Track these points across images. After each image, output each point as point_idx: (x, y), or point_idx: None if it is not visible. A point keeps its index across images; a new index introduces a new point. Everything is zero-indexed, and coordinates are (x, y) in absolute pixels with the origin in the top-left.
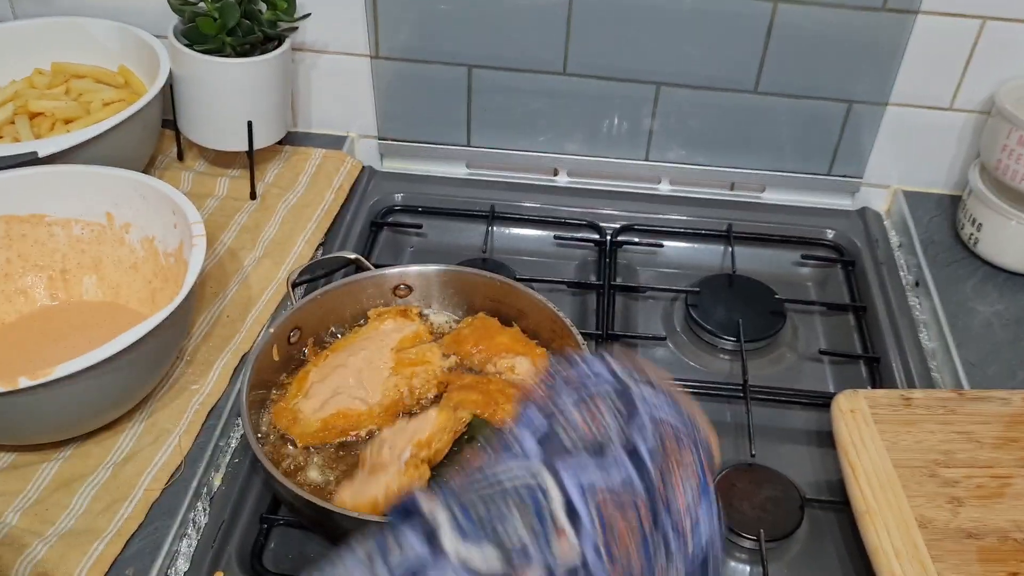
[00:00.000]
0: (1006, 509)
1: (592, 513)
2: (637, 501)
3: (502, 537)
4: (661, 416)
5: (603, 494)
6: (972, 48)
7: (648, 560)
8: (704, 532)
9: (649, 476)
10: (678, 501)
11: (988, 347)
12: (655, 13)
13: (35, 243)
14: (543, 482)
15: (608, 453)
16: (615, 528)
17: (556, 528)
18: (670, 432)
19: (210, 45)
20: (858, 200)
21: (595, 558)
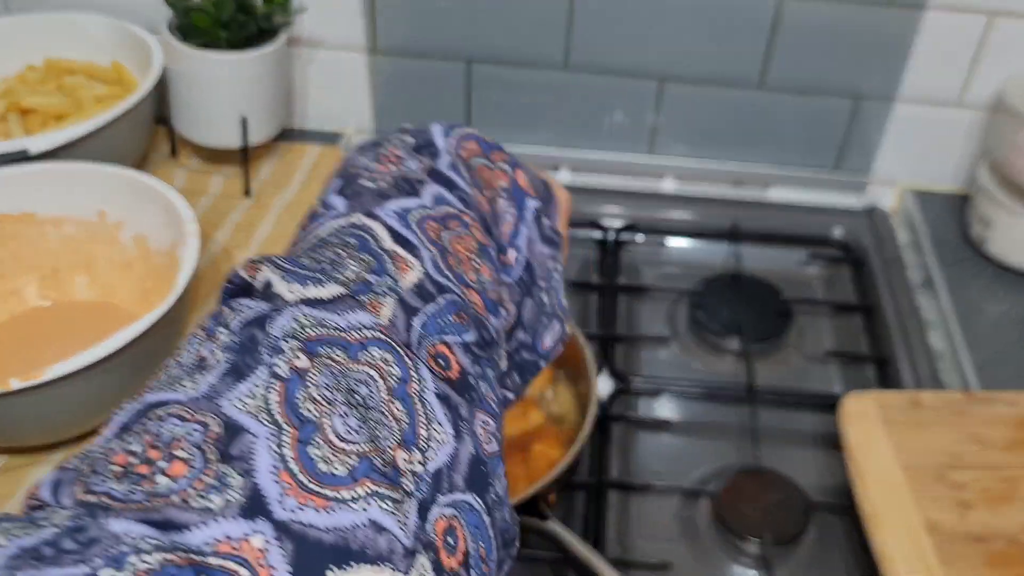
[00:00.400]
0: (1015, 512)
1: (420, 236)
2: (462, 216)
3: (339, 276)
4: (460, 137)
5: (424, 218)
6: (980, 43)
7: (491, 264)
8: (523, 235)
9: (464, 191)
10: (497, 208)
11: (998, 348)
12: (658, 6)
13: (26, 242)
14: (362, 223)
15: (417, 186)
16: (446, 244)
17: (390, 255)
18: (474, 149)
19: (204, 39)
20: (865, 198)
21: (437, 271)
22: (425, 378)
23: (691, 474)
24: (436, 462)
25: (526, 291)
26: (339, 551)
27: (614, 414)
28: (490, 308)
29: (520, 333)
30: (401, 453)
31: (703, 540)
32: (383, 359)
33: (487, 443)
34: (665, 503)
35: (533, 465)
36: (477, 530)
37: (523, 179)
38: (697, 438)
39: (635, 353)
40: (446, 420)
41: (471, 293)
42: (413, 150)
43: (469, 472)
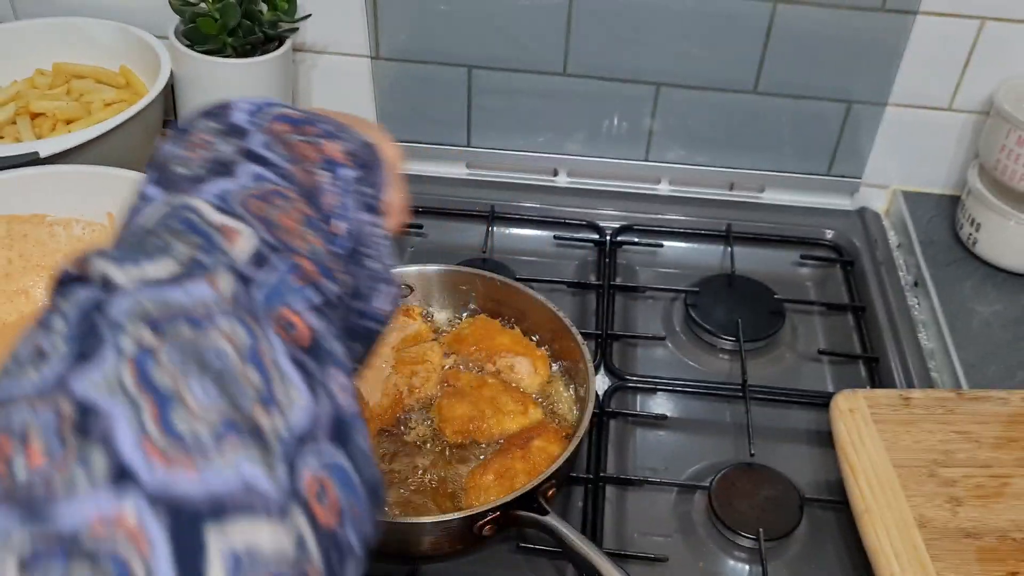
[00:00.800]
0: (1005, 509)
1: (245, 213)
2: (284, 192)
3: (173, 255)
4: (272, 116)
5: (247, 197)
6: (971, 48)
7: (321, 235)
8: (346, 205)
9: (281, 167)
10: (319, 180)
11: (987, 347)
12: (655, 13)
13: (36, 243)
14: (184, 203)
15: (232, 167)
16: (272, 218)
17: (218, 229)
18: (284, 127)
19: (211, 45)
20: (857, 200)
21: (267, 247)
22: (275, 344)
23: (686, 470)
24: (298, 422)
25: (355, 260)
26: (214, 509)
27: (611, 411)
28: (325, 274)
29: (356, 302)
30: (261, 414)
31: (698, 534)
32: (231, 329)
33: (346, 402)
34: (661, 498)
35: (533, 460)
36: (347, 487)
37: (336, 150)
38: (692, 435)
39: (632, 352)
40: (301, 383)
41: (303, 261)
42: (221, 133)
43: (332, 431)
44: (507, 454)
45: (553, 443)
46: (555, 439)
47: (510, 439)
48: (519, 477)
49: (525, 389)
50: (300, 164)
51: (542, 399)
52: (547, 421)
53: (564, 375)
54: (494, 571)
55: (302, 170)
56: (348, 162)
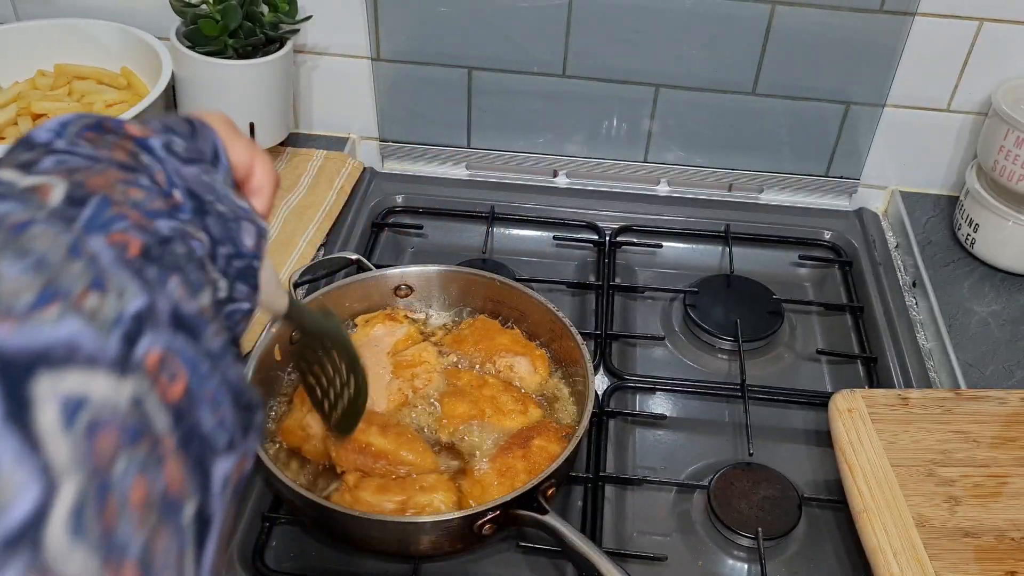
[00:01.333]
0: (1003, 508)
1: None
2: (92, 165)
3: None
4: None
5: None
6: (969, 49)
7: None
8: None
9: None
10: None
11: (985, 347)
12: (654, 15)
13: None
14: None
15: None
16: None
17: (27, 188)
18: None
19: (212, 47)
20: (855, 201)
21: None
22: (98, 247)
23: (685, 469)
24: (132, 306)
25: (203, 213)
26: (43, 360)
27: (611, 410)
28: (151, 215)
29: (222, 249)
30: (90, 295)
31: (697, 534)
32: (48, 231)
33: (186, 301)
34: (660, 497)
35: (533, 459)
36: (196, 369)
37: (137, 129)
38: (691, 434)
39: (631, 352)
40: (131, 278)
41: (126, 208)
42: (18, 151)
43: (171, 321)
44: (507, 453)
45: (553, 442)
46: (555, 438)
47: (510, 438)
48: (520, 476)
49: (525, 388)
50: (112, 152)
51: (542, 399)
52: (547, 420)
53: (564, 375)
54: (494, 570)
55: (116, 153)
56: (154, 134)
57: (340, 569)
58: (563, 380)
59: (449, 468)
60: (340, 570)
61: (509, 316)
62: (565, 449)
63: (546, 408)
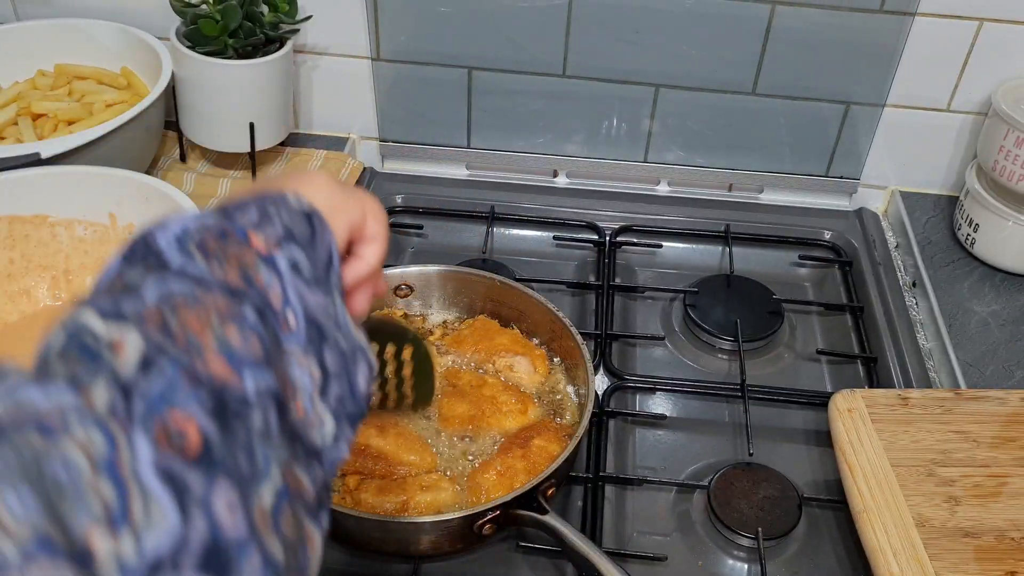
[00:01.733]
0: (1003, 508)
1: (136, 319)
2: (194, 293)
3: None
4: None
5: (141, 308)
6: (969, 49)
7: (248, 327)
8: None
9: (196, 275)
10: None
11: (985, 347)
12: (654, 15)
13: (38, 243)
14: (74, 320)
15: (135, 289)
16: (170, 322)
17: (102, 341)
18: (209, 239)
19: (212, 47)
20: (855, 201)
21: (156, 349)
22: (141, 454)
23: (685, 469)
24: (155, 546)
25: (320, 345)
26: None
27: (611, 410)
28: (240, 367)
29: (335, 386)
30: (101, 535)
31: (697, 534)
32: (87, 438)
33: (231, 523)
34: (660, 497)
35: (533, 459)
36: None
37: (264, 242)
38: (691, 434)
39: (631, 352)
40: (168, 500)
41: (211, 356)
42: (141, 266)
43: (204, 558)
44: (507, 453)
45: (553, 442)
46: (555, 438)
47: (510, 438)
48: (520, 476)
49: (525, 388)
50: (225, 268)
51: (542, 398)
52: (547, 420)
53: (564, 374)
54: (494, 570)
55: (231, 270)
56: (279, 250)
57: (340, 569)
58: (563, 379)
59: (450, 468)
60: (340, 570)
61: (509, 316)
62: (565, 449)
63: (546, 408)
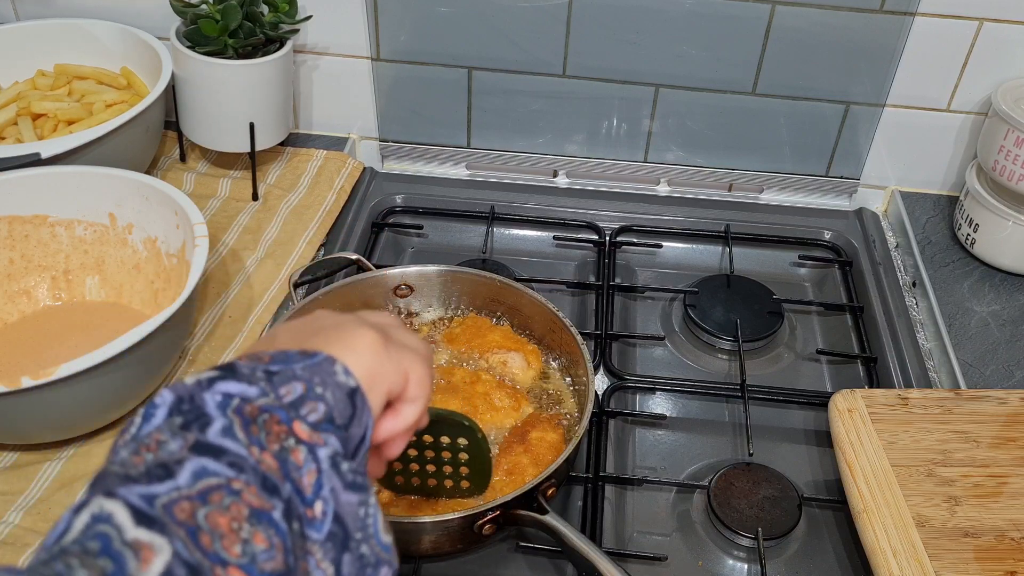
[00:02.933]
0: (1003, 508)
1: (167, 519)
2: (230, 484)
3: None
4: (232, 395)
5: (174, 500)
6: (969, 49)
7: (273, 528)
8: (327, 486)
9: (236, 455)
10: (294, 460)
11: (985, 347)
12: (654, 15)
13: (38, 243)
14: (103, 512)
15: (174, 467)
16: (201, 522)
17: (132, 547)
18: (252, 407)
19: (212, 47)
20: (855, 201)
21: (187, 552)
22: None
23: (685, 469)
24: None
25: (342, 546)
26: None
27: (611, 410)
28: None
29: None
30: None
31: (697, 534)
32: None
33: None
34: (660, 497)
35: (535, 451)
36: None
37: (304, 430)
38: (691, 434)
39: (631, 352)
40: None
41: (232, 571)
42: (180, 428)
43: None
44: (510, 451)
45: (549, 431)
46: (549, 427)
47: (508, 438)
48: (527, 469)
49: (519, 383)
50: (265, 445)
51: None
52: (537, 412)
53: (559, 367)
54: (494, 570)
55: (269, 452)
56: (321, 439)
57: None
58: (558, 372)
59: None
60: None
61: (509, 316)
62: (565, 449)
63: (541, 402)
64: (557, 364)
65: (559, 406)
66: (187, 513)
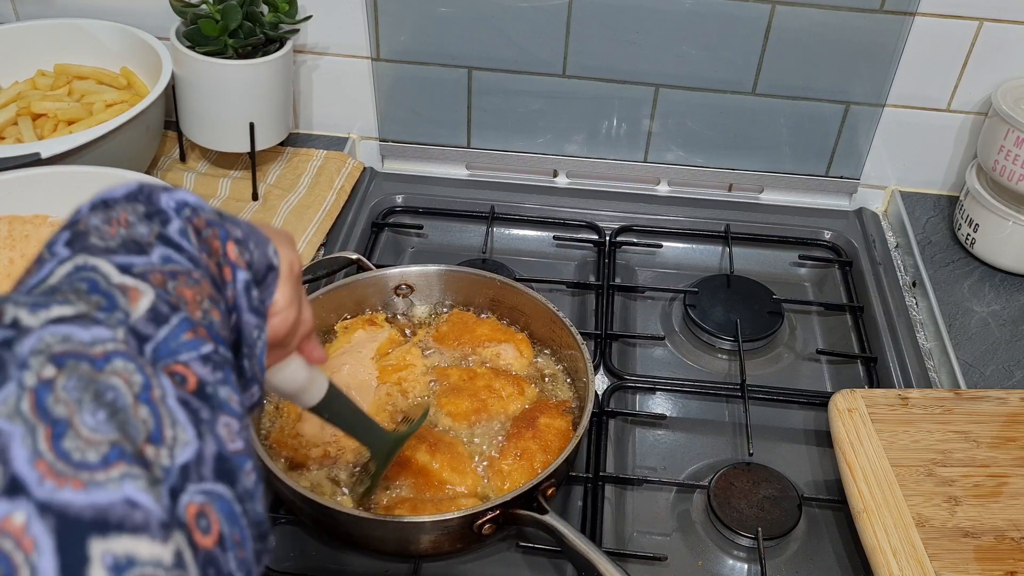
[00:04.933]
0: (1003, 508)
1: (147, 278)
2: (190, 274)
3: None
4: (191, 207)
5: (150, 271)
6: (969, 49)
7: (222, 314)
8: (241, 304)
9: (192, 254)
10: (224, 274)
11: (985, 347)
12: (654, 15)
13: (38, 243)
14: (88, 263)
15: (146, 247)
16: (170, 289)
17: (120, 289)
18: (200, 222)
19: (212, 47)
20: (855, 201)
21: (166, 304)
22: (166, 387)
23: (685, 469)
24: (182, 457)
25: (235, 355)
26: (99, 524)
27: (611, 410)
28: (217, 340)
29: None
30: (149, 448)
31: (697, 533)
32: (126, 370)
33: (231, 442)
34: (660, 497)
35: (543, 438)
36: (230, 516)
37: (234, 252)
38: (691, 434)
39: (631, 352)
40: (188, 423)
41: (200, 331)
42: (144, 216)
43: (215, 467)
44: (519, 438)
45: (557, 418)
46: (557, 414)
47: (516, 422)
48: (536, 455)
49: (515, 372)
50: (209, 256)
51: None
52: (545, 399)
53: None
54: (494, 570)
55: (211, 261)
56: (244, 263)
57: (340, 569)
58: (550, 358)
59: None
60: (340, 570)
61: (508, 316)
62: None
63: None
64: (558, 366)
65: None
66: (159, 282)
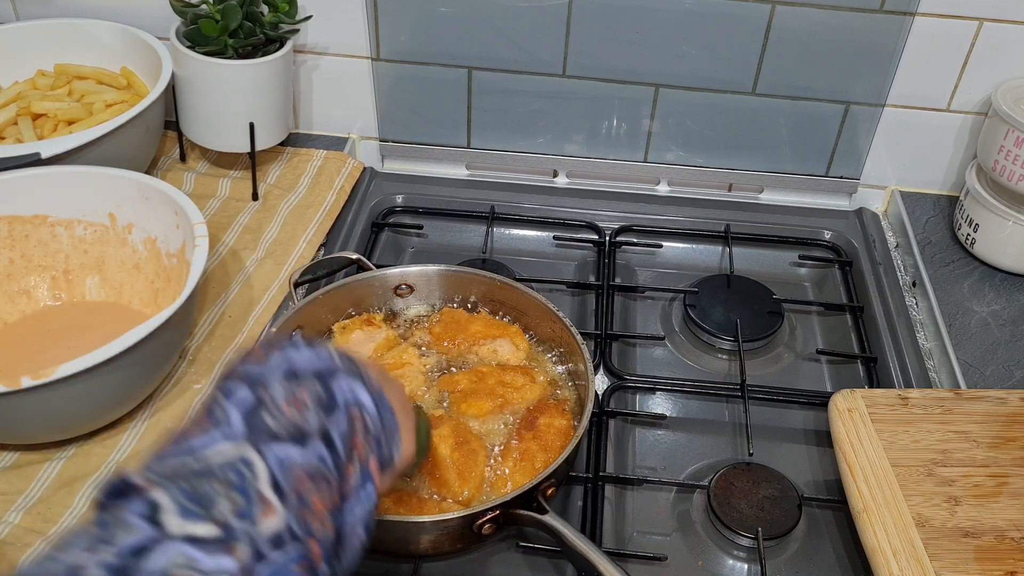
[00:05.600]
0: (1003, 508)
1: (290, 486)
2: (328, 478)
3: (215, 515)
4: (356, 402)
5: (299, 472)
6: (969, 49)
7: (338, 528)
8: (356, 513)
9: (340, 459)
10: (354, 484)
11: (985, 347)
12: (654, 15)
13: (38, 243)
14: (247, 458)
15: (307, 440)
16: (307, 498)
17: (260, 499)
18: (359, 421)
19: (212, 47)
20: (855, 201)
21: (295, 522)
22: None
23: (685, 469)
24: None
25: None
26: None
27: (611, 410)
28: (325, 558)
29: None
30: None
31: (697, 533)
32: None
33: None
34: (660, 497)
35: (543, 438)
36: None
37: (374, 466)
38: (691, 434)
39: (631, 352)
40: None
41: (313, 544)
42: (317, 404)
43: None
44: (520, 438)
45: (557, 417)
46: (558, 413)
47: (517, 425)
48: (537, 456)
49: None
50: (352, 462)
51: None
52: (545, 399)
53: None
54: (494, 570)
55: (351, 467)
56: (377, 478)
57: None
58: (543, 353)
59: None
60: None
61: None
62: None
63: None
64: (558, 366)
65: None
66: (303, 486)
